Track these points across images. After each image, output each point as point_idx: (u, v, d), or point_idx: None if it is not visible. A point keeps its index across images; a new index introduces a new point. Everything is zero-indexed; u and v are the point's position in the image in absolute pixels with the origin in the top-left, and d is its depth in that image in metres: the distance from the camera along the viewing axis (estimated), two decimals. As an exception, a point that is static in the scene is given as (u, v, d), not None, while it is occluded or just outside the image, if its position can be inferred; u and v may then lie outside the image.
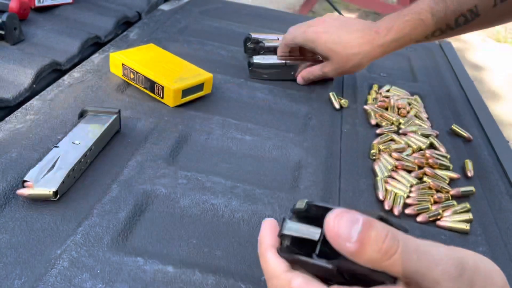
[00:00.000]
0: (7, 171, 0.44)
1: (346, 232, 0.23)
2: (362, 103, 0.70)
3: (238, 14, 0.99)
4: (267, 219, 0.31)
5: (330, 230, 0.23)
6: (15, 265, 0.36)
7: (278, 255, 0.28)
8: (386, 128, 0.63)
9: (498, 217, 0.52)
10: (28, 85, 0.58)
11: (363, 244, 0.23)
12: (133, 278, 0.36)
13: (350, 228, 0.23)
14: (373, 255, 0.23)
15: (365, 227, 0.23)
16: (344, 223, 0.23)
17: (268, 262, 0.28)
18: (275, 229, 0.29)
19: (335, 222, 0.23)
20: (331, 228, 0.23)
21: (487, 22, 0.62)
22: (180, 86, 0.59)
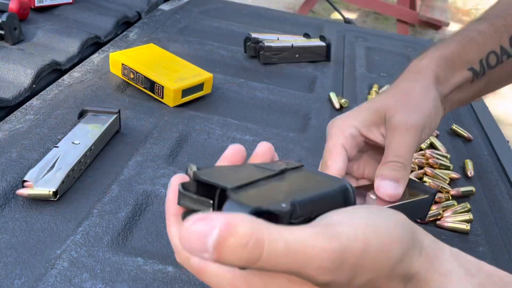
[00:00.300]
0: (7, 171, 0.44)
1: (200, 244, 0.20)
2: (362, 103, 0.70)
3: (238, 14, 0.99)
4: (174, 177, 0.27)
5: (184, 246, 0.20)
6: (15, 265, 0.36)
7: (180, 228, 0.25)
8: (386, 128, 0.63)
9: (498, 217, 0.52)
10: (28, 85, 0.58)
11: (221, 254, 0.20)
12: (133, 278, 0.36)
13: (204, 239, 0.20)
14: (236, 263, 0.21)
15: (222, 235, 0.20)
16: (197, 235, 0.20)
17: (170, 236, 0.27)
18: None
19: (187, 234, 0.20)
20: (184, 244, 0.20)
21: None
22: (180, 86, 0.59)
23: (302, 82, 0.74)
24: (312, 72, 0.77)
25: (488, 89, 0.45)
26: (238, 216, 0.20)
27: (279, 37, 0.80)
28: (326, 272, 0.22)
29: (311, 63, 0.80)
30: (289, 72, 0.77)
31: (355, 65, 0.83)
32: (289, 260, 0.21)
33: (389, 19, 3.38)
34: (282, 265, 0.21)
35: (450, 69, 0.41)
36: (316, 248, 0.21)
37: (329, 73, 0.78)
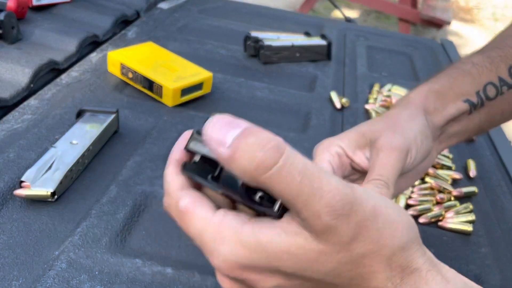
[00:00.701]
0: (4, 171, 0.43)
1: (221, 135, 0.20)
2: (363, 103, 0.70)
3: (237, 13, 0.99)
4: (187, 131, 0.27)
5: (206, 133, 0.20)
6: (13, 266, 0.35)
7: (178, 172, 0.25)
8: (387, 127, 0.63)
9: (500, 218, 0.52)
10: (26, 84, 0.57)
11: (236, 150, 0.19)
12: (131, 279, 0.36)
13: (226, 133, 0.20)
14: (246, 166, 0.19)
15: (245, 133, 0.19)
16: (221, 126, 0.20)
17: (164, 177, 0.26)
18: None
19: (213, 123, 0.20)
20: (207, 130, 0.20)
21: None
22: (179, 86, 0.58)
23: (302, 82, 0.74)
24: (312, 72, 0.77)
25: (492, 122, 0.44)
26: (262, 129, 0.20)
27: (279, 36, 0.80)
28: (332, 214, 0.21)
29: (312, 62, 0.80)
30: (290, 71, 0.76)
31: (356, 64, 0.83)
32: (301, 184, 0.20)
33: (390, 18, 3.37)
34: (291, 187, 0.20)
35: (441, 101, 0.40)
36: (332, 184, 0.21)
37: (330, 72, 0.78)
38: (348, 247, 0.22)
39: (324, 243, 0.22)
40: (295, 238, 0.22)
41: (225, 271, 0.23)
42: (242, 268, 0.23)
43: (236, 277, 0.24)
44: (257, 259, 0.22)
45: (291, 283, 0.23)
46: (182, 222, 0.24)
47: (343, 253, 0.22)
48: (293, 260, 0.22)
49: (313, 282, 0.23)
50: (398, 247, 0.23)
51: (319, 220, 0.21)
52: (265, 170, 0.20)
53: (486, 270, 0.44)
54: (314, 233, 0.22)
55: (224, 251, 0.23)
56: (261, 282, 0.23)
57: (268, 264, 0.23)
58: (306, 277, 0.23)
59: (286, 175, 0.20)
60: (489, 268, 0.44)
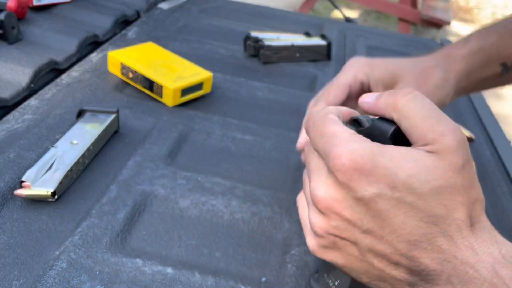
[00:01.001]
0: (5, 171, 0.44)
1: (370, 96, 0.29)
2: (363, 102, 0.70)
3: (237, 13, 0.99)
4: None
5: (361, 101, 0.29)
6: (13, 266, 0.35)
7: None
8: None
9: (500, 218, 0.52)
10: (26, 84, 0.57)
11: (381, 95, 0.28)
12: (132, 279, 0.36)
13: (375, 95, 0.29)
14: (389, 99, 0.27)
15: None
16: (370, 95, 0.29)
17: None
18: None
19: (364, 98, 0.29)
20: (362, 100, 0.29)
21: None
22: (179, 86, 0.58)
23: (302, 82, 0.74)
24: (312, 71, 0.77)
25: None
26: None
27: (279, 36, 0.80)
28: (454, 137, 0.26)
29: (312, 62, 0.80)
30: (289, 71, 0.76)
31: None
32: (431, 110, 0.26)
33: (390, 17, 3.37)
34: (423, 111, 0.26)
35: (482, 65, 0.42)
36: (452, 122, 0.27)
37: (330, 72, 0.78)
38: (459, 171, 0.26)
39: (442, 159, 0.25)
40: (418, 150, 0.26)
41: (340, 168, 0.26)
42: (359, 168, 0.26)
43: (345, 182, 0.26)
44: (379, 160, 0.26)
45: (393, 194, 0.25)
46: (323, 124, 0.29)
47: (453, 174, 0.25)
48: (411, 164, 0.25)
49: (413, 197, 0.25)
50: (480, 198, 0.27)
51: (443, 138, 0.25)
52: (403, 95, 0.27)
53: (485, 270, 0.44)
54: (436, 151, 0.26)
55: (352, 146, 0.26)
56: (366, 186, 0.26)
57: (387, 165, 0.25)
58: (411, 187, 0.25)
59: (419, 100, 0.27)
60: (488, 268, 0.44)
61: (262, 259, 0.40)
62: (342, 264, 0.29)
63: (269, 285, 0.38)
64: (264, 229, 0.43)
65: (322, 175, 0.28)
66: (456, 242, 0.25)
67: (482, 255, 0.25)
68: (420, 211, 0.25)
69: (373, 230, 0.26)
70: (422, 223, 0.25)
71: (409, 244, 0.26)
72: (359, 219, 0.26)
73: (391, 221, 0.26)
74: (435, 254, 0.25)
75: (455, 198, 0.25)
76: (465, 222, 0.25)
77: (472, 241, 0.25)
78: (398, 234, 0.26)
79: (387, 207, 0.26)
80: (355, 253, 0.28)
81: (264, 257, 0.40)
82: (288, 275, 0.39)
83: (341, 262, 0.29)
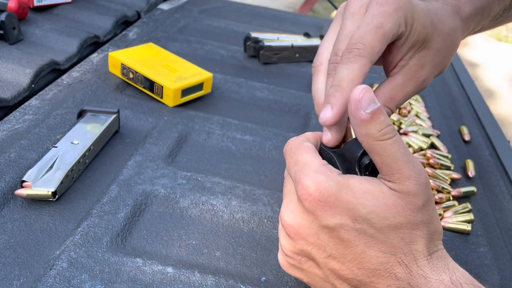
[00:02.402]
0: (6, 171, 0.44)
1: (365, 103, 0.27)
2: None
3: (238, 14, 0.99)
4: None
5: (354, 97, 0.27)
6: (14, 265, 0.36)
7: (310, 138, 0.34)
8: (386, 127, 0.63)
9: (499, 217, 0.52)
10: (27, 84, 0.57)
11: (372, 117, 0.27)
12: (132, 279, 0.36)
13: (369, 103, 0.27)
14: (373, 131, 0.27)
15: (380, 109, 0.27)
16: (368, 97, 0.27)
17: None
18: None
19: (361, 92, 0.27)
20: (356, 95, 0.27)
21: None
22: (180, 86, 0.58)
23: (302, 82, 0.74)
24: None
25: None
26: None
27: (279, 37, 0.80)
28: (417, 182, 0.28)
29: (311, 62, 0.80)
30: (289, 71, 0.76)
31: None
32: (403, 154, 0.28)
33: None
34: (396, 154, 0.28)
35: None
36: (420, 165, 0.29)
37: (329, 72, 0.78)
38: (418, 210, 0.28)
39: (403, 199, 0.27)
40: (381, 186, 0.28)
41: (307, 198, 0.28)
42: (323, 200, 0.28)
43: (311, 211, 0.28)
44: (343, 194, 0.28)
45: (354, 225, 0.28)
46: (297, 152, 0.31)
47: (412, 213, 0.27)
48: (372, 202, 0.27)
49: (373, 230, 0.28)
50: (438, 230, 0.29)
51: (407, 181, 0.27)
52: (384, 139, 0.28)
53: (484, 270, 0.44)
54: (398, 190, 0.28)
55: (320, 179, 0.28)
56: (330, 216, 0.28)
57: (350, 200, 0.27)
58: (371, 222, 0.27)
59: (397, 144, 0.28)
60: (487, 268, 0.44)
61: (262, 259, 0.40)
62: (307, 282, 0.32)
63: (268, 284, 0.38)
64: (264, 228, 0.43)
65: (292, 201, 0.31)
66: (411, 270, 0.28)
67: (433, 283, 0.28)
68: (379, 242, 0.28)
69: (336, 256, 0.29)
70: (381, 253, 0.28)
71: (368, 271, 0.28)
72: (323, 246, 0.29)
73: (352, 249, 0.28)
74: (391, 281, 0.28)
75: (413, 233, 0.28)
76: (423, 253, 0.28)
77: (426, 270, 0.28)
78: (358, 262, 0.28)
79: (348, 237, 0.28)
80: (319, 274, 0.30)
81: (264, 256, 0.40)
82: (287, 274, 0.39)
83: (306, 280, 0.32)
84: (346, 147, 0.31)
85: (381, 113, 0.28)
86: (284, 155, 0.33)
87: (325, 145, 0.33)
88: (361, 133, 0.28)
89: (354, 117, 0.28)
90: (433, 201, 0.29)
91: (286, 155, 0.33)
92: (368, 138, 0.28)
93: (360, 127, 0.28)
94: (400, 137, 0.29)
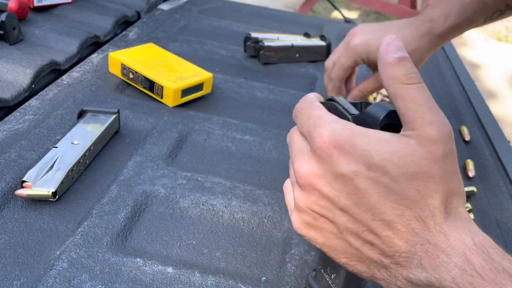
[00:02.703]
0: (6, 171, 0.44)
1: (393, 49, 0.28)
2: (363, 103, 0.70)
3: (238, 14, 0.99)
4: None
5: (384, 43, 0.28)
6: (14, 265, 0.36)
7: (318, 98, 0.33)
8: (386, 127, 0.63)
9: (499, 217, 0.52)
10: (27, 85, 0.57)
11: (399, 62, 0.28)
12: (132, 279, 0.36)
13: (397, 50, 0.28)
14: (399, 74, 0.27)
15: (407, 58, 0.28)
16: (396, 45, 0.28)
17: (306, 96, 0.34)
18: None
19: (391, 40, 0.28)
20: (385, 42, 0.28)
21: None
22: (180, 86, 0.58)
23: (302, 82, 0.74)
24: (312, 72, 0.77)
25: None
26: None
27: (279, 37, 0.80)
28: (441, 129, 0.26)
29: (311, 62, 0.80)
30: (289, 71, 0.76)
31: (356, 64, 0.83)
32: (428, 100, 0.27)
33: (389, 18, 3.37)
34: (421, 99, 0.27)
35: (462, 15, 0.56)
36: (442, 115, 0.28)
37: (329, 72, 0.78)
38: (435, 161, 0.26)
39: (421, 147, 0.26)
40: (399, 137, 0.27)
41: (321, 145, 0.28)
42: (338, 146, 0.27)
43: (325, 159, 0.28)
44: (358, 140, 0.27)
45: (368, 173, 0.27)
46: (310, 109, 0.31)
47: (428, 163, 0.26)
48: (388, 149, 0.26)
49: (387, 179, 0.26)
50: (458, 191, 0.27)
51: (428, 127, 0.26)
52: (409, 82, 0.27)
53: (484, 270, 0.44)
54: (418, 137, 0.26)
55: (334, 127, 0.28)
56: (344, 163, 0.27)
57: (364, 146, 0.27)
58: (385, 169, 0.26)
59: (421, 90, 0.27)
60: (487, 268, 0.44)
61: (262, 259, 0.40)
62: (322, 242, 0.30)
63: (269, 284, 0.38)
64: (264, 228, 0.43)
65: (304, 154, 0.30)
66: (428, 226, 0.26)
67: (453, 241, 0.26)
68: (393, 193, 0.26)
69: (349, 208, 0.27)
70: (396, 204, 0.26)
71: (382, 223, 0.27)
72: (336, 196, 0.28)
73: (366, 199, 0.27)
74: (408, 236, 0.26)
75: (429, 186, 0.26)
76: (439, 209, 0.26)
77: (445, 227, 0.26)
78: (373, 213, 0.27)
79: (363, 186, 0.27)
80: (333, 230, 0.29)
81: (264, 256, 0.40)
82: (288, 274, 0.39)
83: (321, 240, 0.30)
84: (368, 111, 0.30)
85: (408, 61, 0.28)
86: (294, 116, 0.33)
87: (344, 107, 0.32)
88: (388, 76, 0.28)
89: (382, 60, 0.28)
90: (455, 157, 0.27)
91: (297, 114, 0.32)
92: (394, 81, 0.28)
93: (387, 69, 0.28)
94: (426, 87, 0.28)
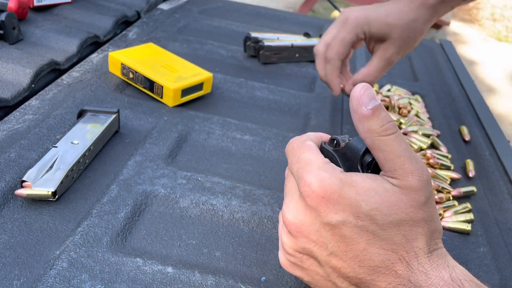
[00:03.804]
0: (6, 171, 0.44)
1: (366, 100, 0.28)
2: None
3: (237, 13, 0.99)
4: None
5: (355, 94, 0.29)
6: (14, 265, 0.36)
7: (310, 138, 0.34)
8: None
9: (499, 217, 0.52)
10: (27, 84, 0.57)
11: (374, 113, 0.28)
12: (132, 279, 0.36)
13: (370, 100, 0.28)
14: (374, 127, 0.28)
15: (380, 106, 0.28)
16: (368, 94, 0.28)
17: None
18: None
19: (362, 89, 0.29)
20: (357, 92, 0.29)
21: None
22: (180, 86, 0.58)
23: (302, 82, 0.74)
24: (312, 72, 0.77)
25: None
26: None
27: (279, 37, 0.80)
28: (420, 178, 0.28)
29: (311, 62, 0.80)
30: (289, 71, 0.76)
31: (355, 64, 0.83)
32: (405, 150, 0.28)
33: (389, 18, 3.36)
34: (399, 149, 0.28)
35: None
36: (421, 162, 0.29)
37: (329, 72, 0.78)
38: (420, 207, 0.28)
39: (405, 195, 0.28)
40: (384, 183, 0.28)
41: (310, 194, 0.28)
42: (326, 196, 0.28)
43: (314, 208, 0.28)
44: (346, 191, 0.28)
45: (357, 222, 0.28)
46: (300, 150, 0.31)
47: (414, 209, 0.28)
48: (375, 199, 0.27)
49: (375, 227, 0.28)
50: (438, 229, 0.29)
51: (410, 176, 0.28)
52: (386, 134, 0.28)
53: (484, 270, 0.44)
54: (401, 186, 0.28)
55: (323, 176, 0.28)
56: (332, 213, 0.28)
57: (353, 196, 0.28)
58: (374, 219, 0.27)
59: (398, 140, 0.28)
60: (487, 268, 0.44)
61: (262, 259, 0.40)
62: (308, 281, 0.32)
63: (268, 284, 0.38)
64: (264, 228, 0.43)
65: (294, 199, 0.31)
66: (412, 267, 0.28)
67: (434, 279, 0.28)
68: (381, 239, 0.28)
69: (338, 254, 0.29)
70: (382, 250, 0.28)
71: (369, 269, 0.28)
72: (325, 243, 0.29)
73: (354, 247, 0.28)
74: (392, 278, 0.28)
75: (414, 230, 0.28)
76: (423, 250, 0.28)
77: (427, 267, 0.28)
78: (360, 259, 0.28)
79: (351, 234, 0.28)
80: (320, 272, 0.30)
81: (264, 256, 0.40)
82: (287, 274, 0.39)
83: (307, 279, 0.32)
84: (348, 146, 0.31)
85: (382, 110, 0.28)
86: (286, 154, 0.34)
87: (326, 144, 0.33)
88: (363, 129, 0.29)
89: (356, 113, 0.29)
90: (434, 199, 0.29)
91: (288, 154, 0.33)
92: (370, 134, 0.28)
93: (362, 122, 0.29)
94: (401, 134, 0.29)
